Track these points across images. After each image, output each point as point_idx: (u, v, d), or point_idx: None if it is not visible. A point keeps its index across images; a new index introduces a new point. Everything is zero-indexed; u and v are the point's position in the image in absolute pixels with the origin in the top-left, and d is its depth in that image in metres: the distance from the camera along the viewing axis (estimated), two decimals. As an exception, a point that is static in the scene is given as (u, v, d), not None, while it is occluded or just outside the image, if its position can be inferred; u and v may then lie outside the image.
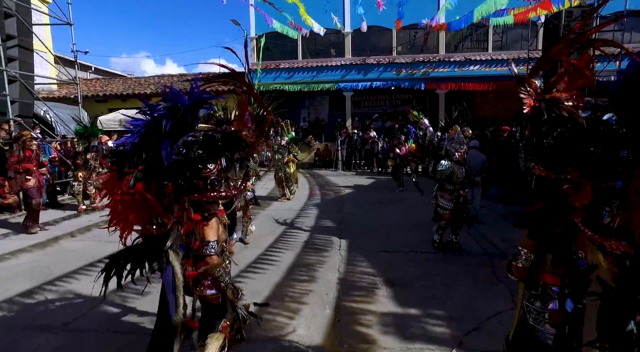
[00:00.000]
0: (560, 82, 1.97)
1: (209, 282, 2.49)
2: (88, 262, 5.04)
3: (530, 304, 2.05)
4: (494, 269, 4.69)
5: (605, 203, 1.65)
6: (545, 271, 1.98)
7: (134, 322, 3.52)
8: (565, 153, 1.75)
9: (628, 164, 1.55)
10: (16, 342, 3.17)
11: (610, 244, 1.60)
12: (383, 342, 3.16)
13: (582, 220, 1.70)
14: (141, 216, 2.41)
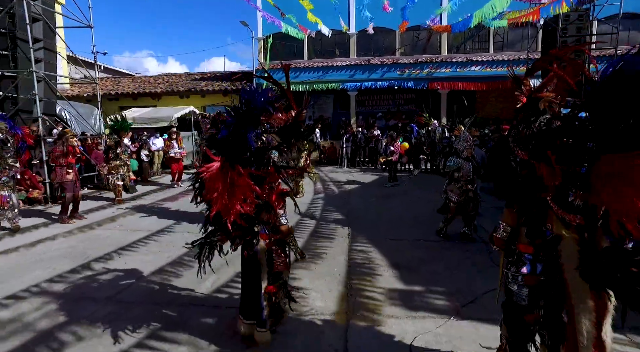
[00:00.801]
0: (550, 83, 2.40)
1: (280, 253, 3.12)
2: (118, 247, 5.54)
3: (507, 270, 2.49)
4: (490, 255, 5.16)
5: (571, 185, 2.09)
6: (520, 241, 2.40)
7: (170, 296, 3.99)
8: (544, 141, 2.17)
9: (592, 154, 1.92)
10: (73, 310, 3.65)
11: (569, 217, 2.05)
12: (390, 311, 3.63)
13: (552, 198, 2.15)
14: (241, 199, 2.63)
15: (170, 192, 10.12)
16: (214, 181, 2.52)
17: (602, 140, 1.85)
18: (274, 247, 3.11)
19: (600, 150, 1.87)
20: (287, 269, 3.27)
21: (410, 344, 3.07)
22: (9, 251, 5.41)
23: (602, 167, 1.83)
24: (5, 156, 6.01)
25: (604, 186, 1.81)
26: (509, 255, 2.46)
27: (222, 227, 2.80)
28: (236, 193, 2.55)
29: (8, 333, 3.26)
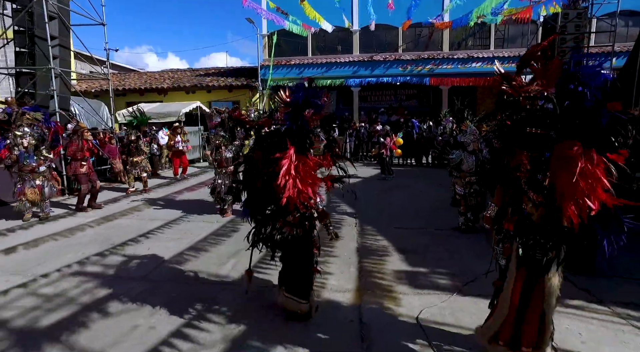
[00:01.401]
0: (537, 79, 2.69)
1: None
2: (139, 234, 5.90)
3: (497, 246, 2.84)
4: (488, 241, 5.52)
5: (538, 169, 2.39)
6: (507, 220, 2.70)
7: (196, 276, 4.36)
8: (513, 131, 2.48)
9: (553, 141, 2.22)
10: (110, 287, 4.02)
11: (533, 196, 2.38)
12: (399, 289, 3.99)
13: (525, 181, 2.47)
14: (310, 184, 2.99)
15: (182, 184, 10.48)
16: (288, 168, 2.79)
17: (559, 130, 2.18)
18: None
19: (558, 138, 2.19)
20: (318, 250, 3.60)
21: (417, 316, 3.42)
22: (42, 237, 5.77)
23: (555, 153, 2.17)
24: (41, 148, 6.40)
25: (555, 169, 2.16)
26: (498, 233, 2.79)
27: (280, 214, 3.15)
28: (306, 179, 2.89)
29: (56, 305, 3.63)
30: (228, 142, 6.94)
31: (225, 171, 6.88)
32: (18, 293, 3.89)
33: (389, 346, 2.96)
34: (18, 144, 6.09)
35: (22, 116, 6.10)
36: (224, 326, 3.25)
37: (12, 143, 6.08)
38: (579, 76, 2.06)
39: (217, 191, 6.91)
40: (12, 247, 5.33)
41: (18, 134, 6.09)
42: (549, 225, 2.34)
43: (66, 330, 3.20)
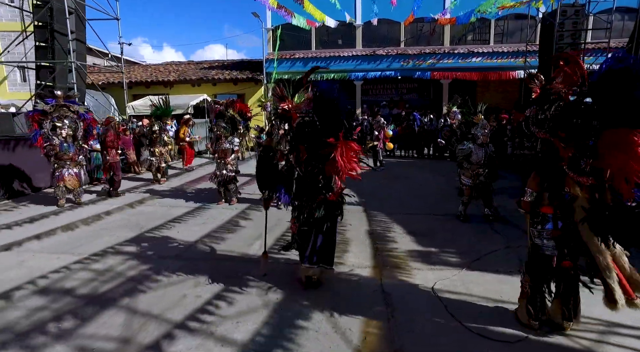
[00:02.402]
0: (559, 76, 3.06)
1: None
2: (166, 220, 6.29)
3: (534, 228, 3.11)
4: (491, 224, 5.99)
5: (582, 155, 2.72)
6: (543, 205, 3.06)
7: (226, 256, 4.79)
8: (558, 122, 2.85)
9: (597, 130, 2.59)
10: (151, 264, 4.44)
11: (583, 179, 2.77)
12: (413, 265, 4.44)
13: (567, 166, 2.86)
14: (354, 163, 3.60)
15: (194, 174, 10.87)
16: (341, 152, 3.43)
17: (603, 119, 2.53)
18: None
19: (602, 127, 2.54)
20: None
21: (432, 286, 3.88)
22: (76, 221, 6.19)
23: (604, 140, 2.50)
24: (78, 139, 6.84)
25: (606, 153, 2.49)
26: (534, 216, 3.11)
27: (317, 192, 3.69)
28: (352, 160, 3.50)
29: (109, 278, 4.06)
30: (228, 133, 7.15)
31: (224, 162, 7.12)
32: (74, 268, 4.32)
33: (410, 310, 3.40)
34: (57, 134, 6.51)
35: (61, 108, 6.50)
36: (263, 295, 3.69)
37: (49, 133, 6.50)
38: (631, 70, 2.37)
39: (218, 180, 7.19)
40: (53, 230, 5.74)
41: (58, 124, 6.52)
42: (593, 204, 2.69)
43: (125, 297, 3.63)
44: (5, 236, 5.49)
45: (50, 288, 3.84)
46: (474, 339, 2.97)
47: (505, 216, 6.35)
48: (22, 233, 5.61)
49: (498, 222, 6.07)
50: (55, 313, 3.35)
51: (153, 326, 3.14)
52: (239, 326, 3.15)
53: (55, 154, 6.71)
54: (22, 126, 7.87)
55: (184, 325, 3.16)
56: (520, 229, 5.73)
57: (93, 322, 3.20)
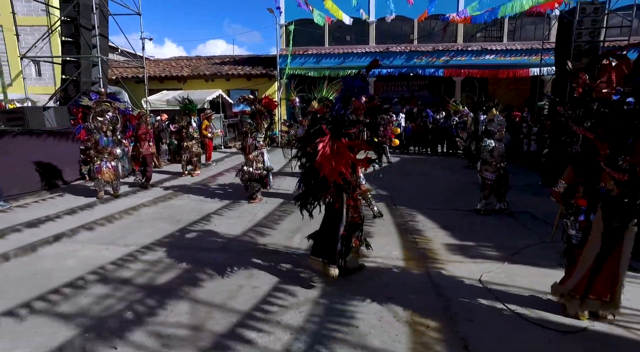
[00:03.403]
0: (603, 76, 3.19)
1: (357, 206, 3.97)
2: (201, 213, 6.39)
3: (567, 219, 3.36)
4: (518, 220, 6.10)
5: (621, 152, 2.92)
6: (577, 197, 3.27)
7: (266, 247, 4.91)
8: (598, 121, 3.02)
9: (637, 129, 2.78)
10: (200, 255, 4.56)
11: (618, 175, 2.91)
12: (454, 258, 4.55)
13: (604, 162, 3.01)
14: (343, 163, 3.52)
15: (216, 169, 10.96)
16: (324, 149, 3.38)
17: None
18: (352, 202, 3.97)
19: None
20: (362, 221, 4.09)
21: (479, 278, 3.99)
22: (114, 213, 6.32)
23: None
24: (117, 133, 6.99)
25: None
26: (568, 208, 3.31)
27: (321, 187, 3.74)
28: (340, 159, 3.45)
29: (162, 269, 4.18)
30: (254, 129, 7.11)
31: (250, 158, 7.05)
32: (126, 259, 4.44)
33: (463, 301, 3.51)
34: (99, 128, 6.65)
35: (103, 103, 6.65)
36: (316, 286, 3.80)
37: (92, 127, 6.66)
38: None
39: (243, 177, 7.13)
40: (95, 221, 5.88)
41: (100, 119, 6.66)
42: (627, 198, 2.85)
43: (183, 287, 3.75)
44: (52, 227, 5.62)
45: (110, 278, 3.96)
46: (533, 329, 3.08)
47: (532, 212, 6.47)
48: (67, 224, 5.74)
49: (526, 218, 6.18)
50: (121, 301, 3.47)
51: (219, 315, 3.25)
52: (303, 315, 3.26)
53: (96, 147, 6.84)
54: (51, 120, 7.98)
55: (249, 314, 3.27)
56: (549, 225, 5.85)
57: (160, 310, 3.32)
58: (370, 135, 4.18)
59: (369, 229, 5.55)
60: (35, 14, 16.30)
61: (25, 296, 3.57)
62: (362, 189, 4.00)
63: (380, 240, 5.15)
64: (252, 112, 7.25)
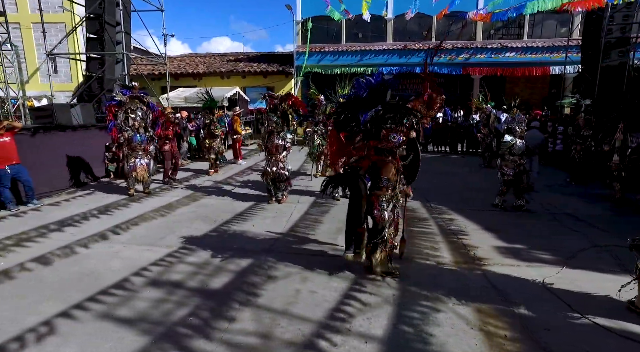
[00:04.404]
0: None
1: (377, 206, 3.84)
2: (233, 213, 6.26)
3: None
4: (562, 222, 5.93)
5: None
6: None
7: (313, 248, 4.77)
8: None
9: None
10: (248, 257, 4.42)
11: None
12: (508, 262, 4.39)
13: None
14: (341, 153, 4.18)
15: (238, 167, 10.85)
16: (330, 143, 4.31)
17: None
18: (372, 198, 3.87)
19: None
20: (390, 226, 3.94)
21: (542, 283, 3.84)
22: (147, 212, 6.23)
23: None
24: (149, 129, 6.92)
25: None
26: None
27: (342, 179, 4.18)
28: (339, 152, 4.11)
29: (212, 271, 4.05)
30: (280, 128, 6.79)
31: (275, 158, 6.73)
32: (171, 261, 4.32)
33: (533, 307, 3.35)
34: (131, 125, 6.58)
35: (134, 100, 6.54)
36: (376, 290, 3.66)
37: (122, 124, 6.56)
38: None
39: (268, 177, 6.81)
40: (130, 220, 5.80)
41: (132, 115, 6.56)
42: None
43: (239, 292, 3.62)
44: (90, 227, 5.53)
45: (160, 281, 3.84)
46: (617, 340, 2.92)
47: (572, 214, 6.32)
48: (103, 223, 5.65)
49: (568, 220, 6.02)
50: (180, 306, 3.35)
51: (285, 322, 3.12)
52: (372, 322, 3.13)
53: (129, 144, 6.74)
54: (78, 117, 7.88)
55: (316, 321, 3.14)
56: (595, 227, 5.68)
57: (222, 316, 3.19)
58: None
59: (410, 228, 5.41)
60: (53, 11, 16.24)
61: (78, 297, 3.47)
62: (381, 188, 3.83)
63: (425, 242, 5.01)
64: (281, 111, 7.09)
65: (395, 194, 3.90)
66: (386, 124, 3.78)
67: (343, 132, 4.04)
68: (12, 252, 4.58)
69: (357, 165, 4.02)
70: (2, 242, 4.91)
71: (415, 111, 3.91)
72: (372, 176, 3.91)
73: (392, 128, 3.78)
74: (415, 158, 4.08)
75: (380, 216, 3.84)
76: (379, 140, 3.84)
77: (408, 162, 4.01)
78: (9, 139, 6.12)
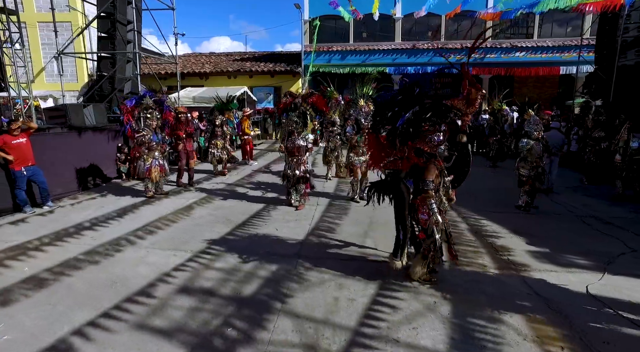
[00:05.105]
0: None
1: (424, 210, 3.66)
2: (256, 218, 6.07)
3: None
4: (591, 225, 5.80)
5: None
6: None
7: (342, 253, 4.64)
8: None
9: None
10: (277, 263, 4.29)
11: None
12: (544, 267, 4.25)
13: None
14: (380, 156, 4.11)
15: (250, 167, 10.70)
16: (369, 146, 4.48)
17: None
18: (416, 202, 3.73)
19: None
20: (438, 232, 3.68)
21: (587, 290, 3.70)
22: (166, 215, 6.09)
23: None
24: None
25: None
26: None
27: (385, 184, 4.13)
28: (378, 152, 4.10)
29: (243, 277, 3.92)
30: (301, 129, 6.53)
31: (296, 160, 6.46)
32: (197, 267, 4.18)
33: (584, 318, 3.22)
34: (148, 125, 6.48)
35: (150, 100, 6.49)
36: (416, 297, 3.53)
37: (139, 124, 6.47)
38: None
39: (289, 180, 6.54)
40: (150, 223, 5.68)
41: (149, 116, 6.49)
42: None
43: (274, 300, 3.49)
44: (110, 231, 5.39)
45: (191, 288, 3.71)
46: (680, 351, 2.80)
47: (598, 216, 6.20)
48: (123, 227, 5.52)
49: (597, 223, 5.89)
50: (215, 315, 3.21)
51: (329, 333, 2.99)
52: (419, 332, 3.00)
53: (147, 145, 6.63)
54: (90, 117, 7.75)
55: (360, 332, 3.00)
56: (626, 230, 5.56)
57: (262, 326, 3.06)
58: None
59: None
60: (59, 10, 16.07)
61: (109, 305, 3.35)
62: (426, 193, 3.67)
63: (457, 244, 4.87)
64: (301, 111, 6.93)
65: (439, 197, 3.76)
66: (425, 123, 3.66)
67: (381, 135, 3.93)
68: (34, 257, 4.45)
69: (397, 167, 3.90)
70: (22, 246, 4.78)
71: (455, 108, 3.77)
72: (414, 178, 3.78)
73: (432, 128, 3.65)
74: (463, 162, 3.94)
75: (425, 220, 3.67)
76: (418, 141, 3.71)
77: (452, 164, 3.87)
78: (25, 140, 5.99)
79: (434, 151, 3.72)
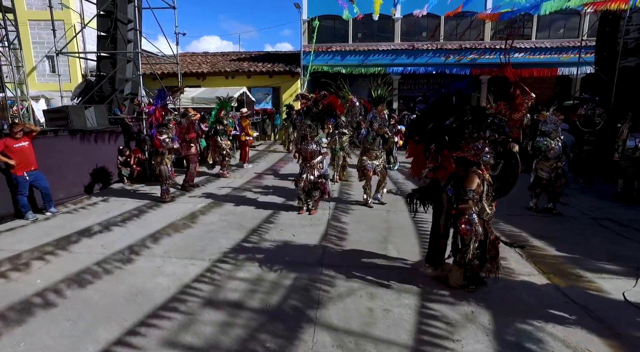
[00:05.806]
0: None
1: (465, 220, 3.49)
2: (269, 224, 5.86)
3: None
4: (609, 228, 5.75)
5: None
6: None
7: (365, 261, 4.50)
8: None
9: None
10: (302, 271, 4.13)
11: None
12: (578, 273, 4.16)
13: None
14: (421, 165, 4.19)
15: (253, 170, 10.49)
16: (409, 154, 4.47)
17: None
18: (457, 212, 3.57)
19: None
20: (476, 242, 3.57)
21: (624, 297, 3.62)
22: (174, 222, 5.89)
23: None
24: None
25: None
26: None
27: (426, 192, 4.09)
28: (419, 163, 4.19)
29: (269, 288, 3.75)
30: (315, 132, 6.30)
31: (310, 165, 6.24)
32: (218, 278, 3.99)
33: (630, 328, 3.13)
34: (169, 128, 6.30)
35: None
36: (452, 307, 3.40)
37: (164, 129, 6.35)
38: None
39: (300, 185, 6.28)
40: (162, 230, 5.49)
41: (169, 118, 6.39)
42: None
43: (307, 310, 3.33)
44: (120, 238, 5.17)
45: (216, 300, 3.53)
46: None
47: (613, 219, 6.16)
48: (132, 234, 5.30)
49: (614, 226, 5.85)
50: (249, 331, 3.04)
51: (370, 346, 2.85)
52: (464, 345, 2.87)
53: (170, 148, 6.54)
54: (92, 119, 7.49)
55: (403, 344, 2.87)
56: (646, 233, 5.53)
57: (300, 342, 2.90)
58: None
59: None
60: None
61: (134, 320, 3.16)
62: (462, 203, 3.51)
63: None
64: (314, 114, 6.76)
65: (483, 207, 3.62)
66: (466, 131, 3.53)
67: (421, 144, 3.88)
68: (44, 268, 4.22)
69: (436, 176, 3.80)
70: (29, 255, 4.54)
71: (498, 115, 3.63)
72: (455, 187, 3.64)
73: (474, 136, 3.52)
74: (510, 172, 3.80)
75: (465, 230, 3.51)
76: (458, 149, 3.58)
77: (498, 173, 3.73)
78: (27, 144, 5.74)
79: (477, 159, 3.58)
